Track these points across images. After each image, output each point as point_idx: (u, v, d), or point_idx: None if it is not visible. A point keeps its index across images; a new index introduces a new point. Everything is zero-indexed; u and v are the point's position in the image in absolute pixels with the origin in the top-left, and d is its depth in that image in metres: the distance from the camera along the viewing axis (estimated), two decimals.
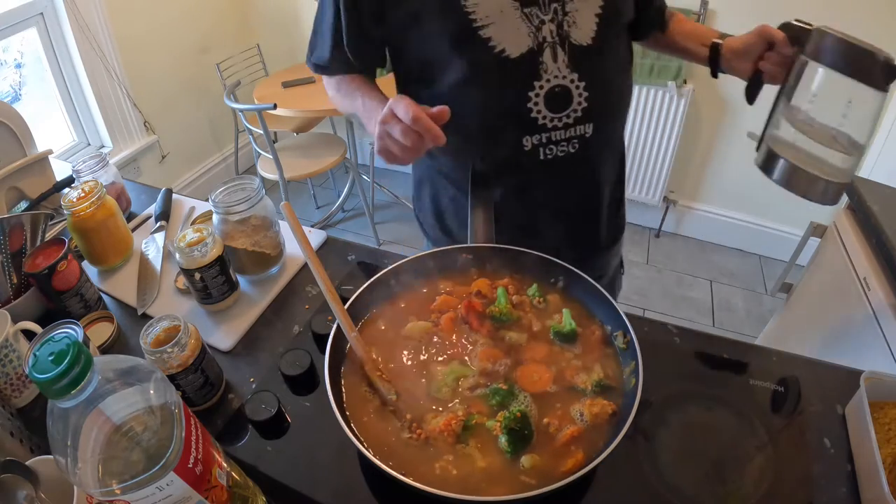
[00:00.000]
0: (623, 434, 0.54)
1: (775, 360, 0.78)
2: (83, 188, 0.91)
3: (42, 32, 2.24)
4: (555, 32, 0.77)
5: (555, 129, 0.82)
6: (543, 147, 0.83)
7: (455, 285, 0.76)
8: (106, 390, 0.42)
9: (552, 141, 0.83)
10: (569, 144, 0.84)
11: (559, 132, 0.83)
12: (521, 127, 0.82)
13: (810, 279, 1.50)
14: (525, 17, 0.77)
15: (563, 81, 0.79)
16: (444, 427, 0.59)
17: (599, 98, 0.82)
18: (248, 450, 0.68)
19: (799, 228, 1.54)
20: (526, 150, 0.84)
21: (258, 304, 0.89)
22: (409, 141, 0.66)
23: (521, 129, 0.82)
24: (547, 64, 0.78)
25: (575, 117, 0.82)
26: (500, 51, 0.77)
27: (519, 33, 0.77)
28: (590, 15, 0.78)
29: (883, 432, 0.65)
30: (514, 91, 0.80)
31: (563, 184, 0.90)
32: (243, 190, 0.86)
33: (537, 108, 0.80)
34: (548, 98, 0.80)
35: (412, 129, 0.65)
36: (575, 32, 0.78)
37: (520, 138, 0.83)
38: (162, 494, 0.44)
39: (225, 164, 3.22)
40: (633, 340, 0.64)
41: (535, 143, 0.83)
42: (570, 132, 0.83)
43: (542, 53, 0.78)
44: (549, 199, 0.91)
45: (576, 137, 0.84)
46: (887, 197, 1.26)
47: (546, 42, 0.78)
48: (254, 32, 3.15)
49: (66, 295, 0.83)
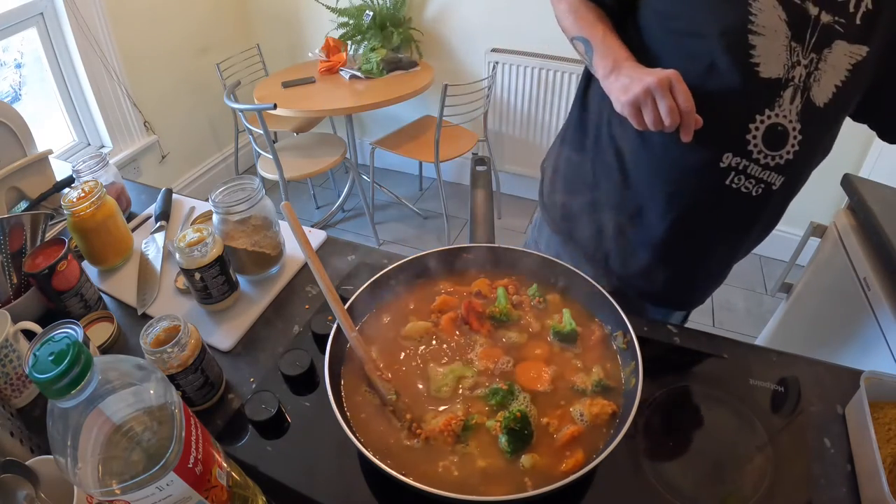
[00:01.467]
0: (623, 434, 0.54)
1: (775, 360, 0.78)
2: (83, 188, 0.91)
3: (42, 32, 2.24)
4: (803, 78, 0.76)
5: (757, 163, 0.80)
6: (737, 174, 0.81)
7: (455, 285, 0.76)
8: (106, 390, 0.42)
9: (747, 172, 0.80)
10: (755, 186, 0.81)
11: (758, 168, 0.80)
12: (730, 142, 0.79)
13: (810, 279, 1.49)
14: (789, 49, 0.75)
15: (787, 125, 0.77)
16: (443, 427, 0.59)
17: (803, 159, 0.81)
18: (248, 450, 0.68)
19: (799, 228, 1.54)
20: (721, 167, 0.81)
21: (258, 304, 0.89)
22: (667, 120, 0.70)
23: (729, 143, 0.80)
24: (784, 101, 0.76)
25: (777, 163, 0.80)
26: (755, 63, 0.75)
27: (778, 59, 0.75)
28: (831, 82, 0.76)
29: (883, 432, 0.65)
30: (746, 107, 0.78)
31: (722, 219, 0.87)
32: (243, 190, 0.86)
33: (755, 134, 0.78)
34: (768, 130, 0.78)
35: (676, 112, 0.69)
36: (815, 89, 0.76)
37: (722, 153, 0.80)
38: (162, 494, 0.44)
39: (225, 164, 3.22)
40: (633, 340, 0.64)
41: (733, 164, 0.80)
42: (765, 174, 0.80)
43: (786, 90, 0.76)
44: (695, 223, 0.88)
45: (764, 183, 0.81)
46: (887, 197, 1.26)
47: (793, 82, 0.76)
48: (254, 32, 3.15)
49: (66, 295, 0.83)
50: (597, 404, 0.61)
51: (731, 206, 0.84)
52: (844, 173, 1.34)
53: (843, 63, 0.75)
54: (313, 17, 2.90)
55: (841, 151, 2.11)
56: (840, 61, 0.75)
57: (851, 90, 0.78)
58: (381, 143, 2.63)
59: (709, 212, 0.85)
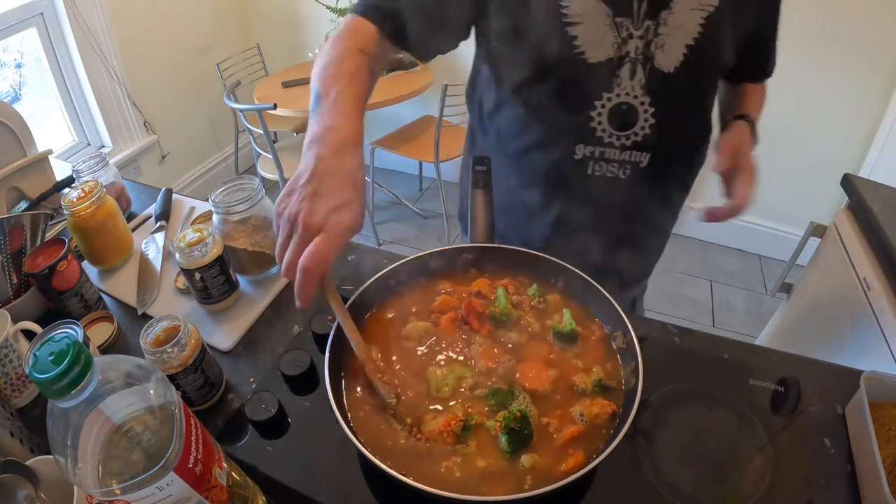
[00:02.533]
0: (623, 434, 0.54)
1: (775, 360, 0.78)
2: (83, 188, 0.91)
3: (42, 32, 2.24)
4: (640, 50, 0.74)
5: (611, 147, 0.79)
6: (595, 161, 0.80)
7: (455, 285, 0.76)
8: (106, 390, 0.42)
9: (605, 158, 0.80)
10: (620, 169, 0.81)
11: (615, 151, 0.79)
12: (578, 134, 0.79)
13: (810, 279, 1.50)
14: (615, 26, 0.73)
15: (633, 101, 0.77)
16: (443, 427, 0.59)
17: (664, 130, 0.79)
18: (248, 450, 0.68)
19: (799, 228, 1.54)
20: (576, 159, 0.81)
21: (258, 304, 0.89)
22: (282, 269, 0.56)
23: (577, 136, 0.79)
24: (622, 79, 0.75)
25: (634, 141, 0.79)
26: (581, 52, 0.74)
27: (604, 40, 0.74)
28: (679, 44, 0.74)
29: (883, 432, 0.65)
30: (582, 96, 0.77)
31: (601, 206, 0.86)
32: (243, 190, 0.86)
33: (599, 120, 0.78)
34: (612, 113, 0.77)
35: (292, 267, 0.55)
36: (660, 56, 0.75)
37: (573, 145, 0.80)
38: (162, 494, 0.44)
39: (225, 164, 3.22)
40: (633, 341, 0.63)
41: (587, 154, 0.80)
42: (625, 155, 0.80)
43: (621, 67, 0.75)
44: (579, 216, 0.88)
45: (629, 163, 0.80)
46: (887, 197, 1.26)
47: (628, 57, 0.74)
48: (254, 32, 3.15)
49: (66, 295, 0.83)
50: (597, 404, 0.61)
51: (604, 192, 0.84)
52: (844, 173, 1.34)
53: (692, 20, 0.73)
54: (313, 17, 2.90)
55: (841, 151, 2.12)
56: (687, 19, 0.73)
57: (710, 45, 0.75)
58: (381, 143, 2.63)
59: (586, 202, 0.86)
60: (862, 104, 2.12)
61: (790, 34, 0.85)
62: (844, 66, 2.04)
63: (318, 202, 0.55)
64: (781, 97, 2.22)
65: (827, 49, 2.02)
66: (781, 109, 2.28)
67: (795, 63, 2.11)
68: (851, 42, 1.98)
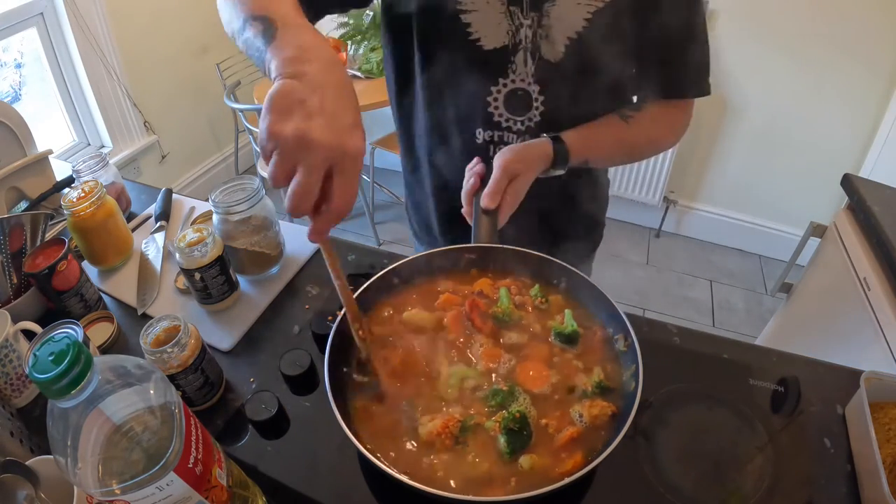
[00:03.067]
0: (622, 435, 0.54)
1: (775, 360, 0.78)
2: (83, 188, 0.91)
3: (42, 32, 2.23)
4: (529, 39, 0.78)
5: (509, 131, 0.83)
6: (495, 145, 0.84)
7: (456, 285, 0.76)
8: (106, 390, 0.42)
9: (504, 141, 0.84)
10: None
11: (514, 135, 0.84)
12: (477, 119, 0.84)
13: (810, 279, 1.50)
14: (508, 14, 0.77)
15: (527, 87, 0.80)
16: (441, 429, 0.59)
17: (557, 118, 0.82)
18: (248, 450, 0.68)
19: (799, 228, 1.54)
20: (478, 143, 0.85)
21: (258, 304, 0.89)
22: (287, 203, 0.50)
23: (477, 120, 0.84)
24: (517, 65, 0.79)
25: (529, 125, 0.83)
26: (476, 39, 0.78)
27: (499, 28, 0.77)
28: (561, 36, 0.78)
29: (883, 432, 0.65)
30: (479, 82, 0.81)
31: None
32: (243, 190, 0.86)
33: (496, 105, 0.82)
34: (508, 97, 0.81)
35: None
36: (545, 46, 0.78)
37: (474, 129, 0.84)
38: (162, 494, 0.44)
39: (225, 164, 3.22)
40: (634, 343, 0.63)
41: (487, 138, 0.84)
42: (524, 139, 0.83)
43: (516, 54, 0.79)
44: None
45: None
46: (887, 197, 1.26)
47: (521, 45, 0.78)
48: None
49: (66, 295, 0.83)
50: (596, 405, 0.61)
51: None
52: (844, 173, 1.34)
53: (577, 14, 0.75)
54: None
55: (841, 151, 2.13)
56: (571, 12, 0.75)
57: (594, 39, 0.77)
58: (381, 143, 2.63)
59: None
60: (862, 104, 2.12)
61: (790, 34, 0.85)
62: (844, 67, 2.04)
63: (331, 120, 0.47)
64: (782, 97, 2.23)
65: (827, 49, 2.02)
66: (781, 109, 2.29)
67: (795, 63, 2.12)
68: (851, 42, 1.98)
